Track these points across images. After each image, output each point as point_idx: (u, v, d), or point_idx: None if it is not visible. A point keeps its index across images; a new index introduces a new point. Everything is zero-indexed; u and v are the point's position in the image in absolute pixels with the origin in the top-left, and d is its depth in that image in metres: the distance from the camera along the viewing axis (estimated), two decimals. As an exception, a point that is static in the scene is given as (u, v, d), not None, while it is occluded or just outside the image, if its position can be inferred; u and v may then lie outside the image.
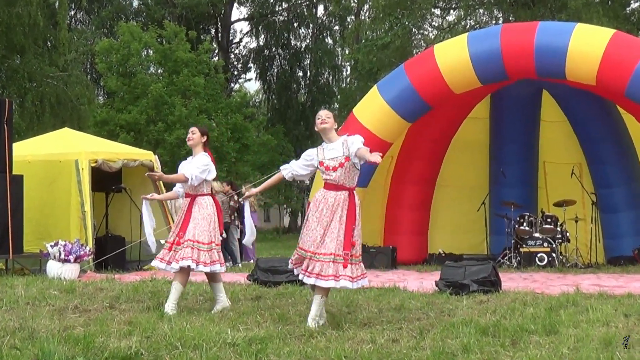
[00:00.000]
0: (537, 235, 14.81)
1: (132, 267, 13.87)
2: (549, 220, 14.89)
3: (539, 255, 14.57)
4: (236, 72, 43.78)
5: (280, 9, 43.84)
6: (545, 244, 14.69)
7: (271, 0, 43.45)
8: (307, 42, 44.10)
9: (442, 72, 13.53)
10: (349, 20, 40.60)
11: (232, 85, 41.64)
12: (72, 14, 38.82)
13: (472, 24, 27.50)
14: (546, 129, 16.24)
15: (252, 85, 47.42)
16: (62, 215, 13.32)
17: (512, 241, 14.96)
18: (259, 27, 43.72)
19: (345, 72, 43.65)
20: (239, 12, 78.63)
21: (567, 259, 14.92)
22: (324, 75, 44.04)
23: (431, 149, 15.87)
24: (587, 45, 12.68)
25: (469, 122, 16.31)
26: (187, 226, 7.74)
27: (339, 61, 43.78)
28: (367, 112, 13.88)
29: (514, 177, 15.73)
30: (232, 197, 15.64)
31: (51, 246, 11.78)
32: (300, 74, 44.35)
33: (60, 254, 11.66)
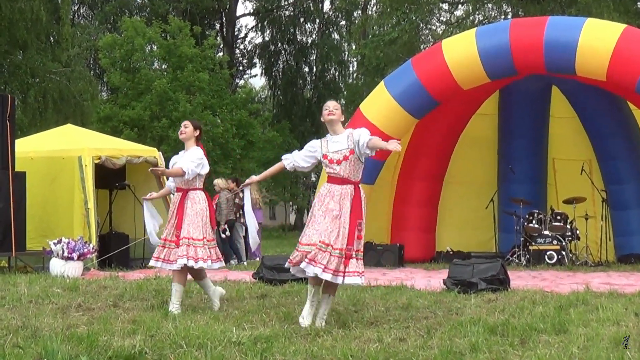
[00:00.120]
0: (546, 232, 14.79)
1: (136, 265, 13.86)
2: (558, 217, 14.86)
3: (548, 253, 14.56)
4: (241, 68, 43.68)
5: (286, 3, 43.73)
6: (554, 242, 14.68)
7: (277, -5, 43.42)
8: (313, 37, 43.98)
9: (450, 67, 13.54)
10: (356, 15, 40.48)
11: (237, 81, 41.55)
12: (75, 8, 38.84)
13: (481, 18, 27.41)
14: (555, 125, 16.20)
15: (257, 81, 47.36)
16: (65, 212, 13.36)
17: (521, 239, 14.96)
18: (265, 22, 43.61)
19: (351, 68, 43.56)
20: (244, 6, 78.95)
21: (577, 257, 14.92)
22: (331, 70, 43.91)
23: (439, 146, 15.86)
24: (598, 40, 12.68)
25: (477, 118, 16.28)
26: (182, 224, 7.67)
27: (345, 57, 43.66)
28: (374, 108, 13.90)
29: (522, 173, 15.68)
30: (237, 194, 15.56)
31: (54, 244, 11.84)
32: (306, 69, 44.23)
33: (63, 252, 11.71)
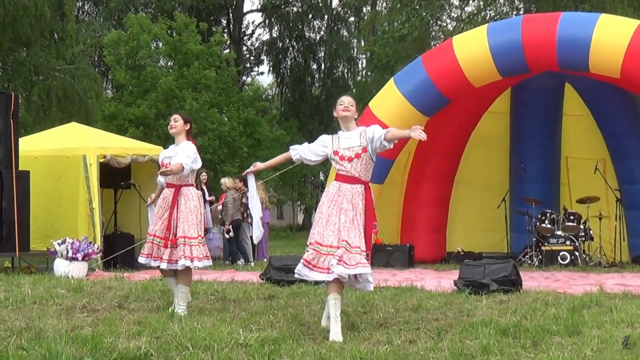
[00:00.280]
0: (559, 233, 14.73)
1: (142, 266, 13.61)
2: (571, 217, 14.80)
3: (561, 253, 14.49)
4: (248, 65, 43.56)
5: (293, -1, 43.63)
6: (567, 242, 14.61)
7: (284, -10, 43.32)
8: (322, 33, 43.90)
9: (461, 64, 13.50)
10: (365, 11, 40.32)
11: (244, 78, 41.44)
12: (80, 5, 38.86)
13: (492, 14, 27.42)
14: (569, 123, 16.13)
15: (264, 78, 47.30)
16: (69, 212, 13.36)
17: (534, 239, 14.88)
18: (272, 19, 43.53)
19: (360, 65, 43.44)
20: (251, 2, 79.03)
21: (591, 258, 14.84)
22: (339, 68, 43.83)
23: (449, 144, 15.80)
24: (612, 36, 12.63)
25: (488, 116, 16.21)
26: (178, 222, 7.53)
27: (354, 53, 43.56)
28: (384, 106, 13.86)
29: (535, 173, 15.58)
30: (244, 193, 15.45)
31: (58, 244, 11.83)
32: (314, 66, 44.16)
33: (67, 252, 11.69)
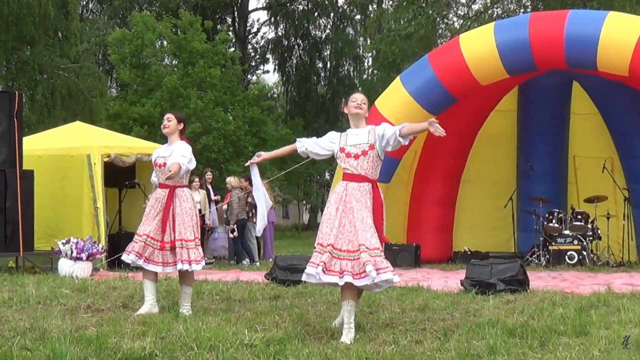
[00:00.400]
0: (566, 232, 14.67)
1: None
2: (579, 216, 14.73)
3: (568, 253, 14.44)
4: (254, 64, 43.49)
5: (299, -3, 43.55)
6: (575, 242, 14.55)
7: (290, -12, 43.26)
8: (327, 32, 43.84)
9: (467, 62, 13.46)
10: (371, 9, 40.20)
11: (249, 77, 41.39)
12: (84, 3, 38.88)
13: (500, 12, 27.37)
14: (576, 122, 16.05)
15: (270, 77, 47.24)
16: (73, 211, 13.36)
17: (541, 239, 14.83)
18: (278, 17, 43.46)
19: (366, 63, 43.37)
20: (256, 0, 78.82)
21: (598, 257, 14.77)
22: (345, 66, 43.75)
23: (456, 143, 15.69)
24: (620, 34, 12.58)
25: (495, 115, 16.14)
26: (175, 225, 7.48)
27: (360, 52, 43.44)
28: (390, 105, 13.81)
29: (542, 172, 15.51)
30: (250, 193, 15.39)
31: (63, 244, 11.82)
32: (320, 65, 44.09)
33: (72, 252, 11.68)
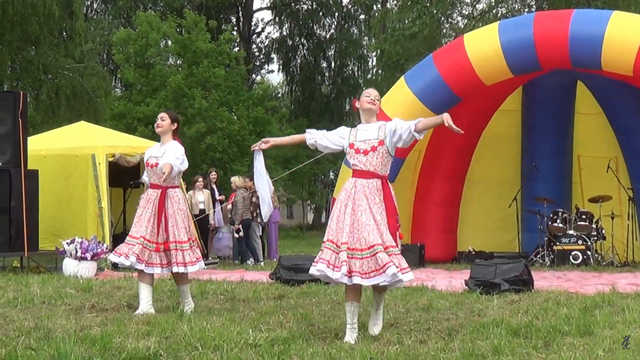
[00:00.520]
0: (571, 232, 14.61)
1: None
2: (583, 216, 14.67)
3: (573, 253, 14.39)
4: (258, 63, 43.44)
5: (303, -3, 43.50)
6: (579, 242, 14.50)
7: (294, -13, 43.21)
8: (332, 31, 43.77)
9: (472, 62, 13.40)
10: (375, 9, 40.16)
11: (253, 76, 41.35)
12: (89, 3, 38.83)
13: (504, 12, 27.37)
14: (581, 122, 15.97)
15: (274, 76, 47.19)
16: (78, 211, 13.38)
17: (545, 238, 14.78)
18: (282, 16, 43.40)
19: (371, 63, 43.32)
20: (260, 0, 78.73)
21: (603, 257, 14.73)
22: (349, 66, 43.70)
23: (460, 143, 15.60)
24: (624, 33, 12.51)
25: (500, 115, 16.07)
26: (168, 225, 7.43)
27: (364, 51, 43.39)
28: (394, 104, 13.70)
29: (547, 171, 15.44)
30: (254, 193, 15.36)
31: (67, 243, 11.82)
32: (324, 64, 44.04)
33: (76, 252, 11.68)
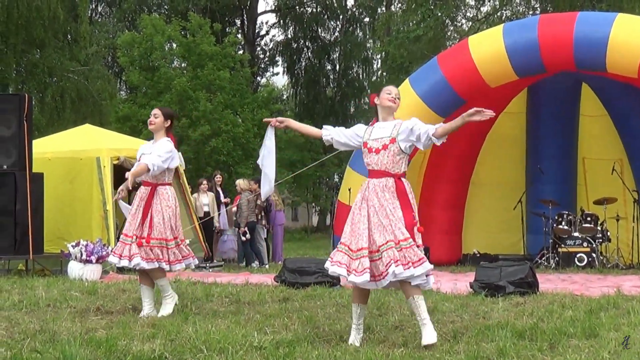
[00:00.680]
0: (576, 234, 14.57)
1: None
2: (588, 219, 14.63)
3: (578, 255, 14.35)
4: (263, 66, 43.45)
5: (308, 0, 43.46)
6: (584, 244, 14.47)
7: (299, -10, 43.19)
8: (337, 34, 43.75)
9: (476, 64, 13.38)
10: (380, 11, 40.14)
11: (258, 79, 41.36)
12: (93, 6, 38.88)
13: (508, 14, 27.34)
14: (586, 124, 15.95)
15: (279, 79, 47.19)
16: (83, 214, 13.33)
17: (550, 241, 14.73)
18: (286, 19, 43.40)
19: (375, 66, 43.23)
20: (265, 3, 78.79)
21: (608, 260, 14.68)
22: (354, 68, 43.67)
23: (465, 145, 15.64)
24: (629, 36, 12.50)
25: (504, 117, 15.98)
26: (153, 221, 7.38)
27: (369, 54, 43.33)
28: (399, 107, 13.54)
29: (552, 174, 15.41)
30: (259, 195, 15.34)
31: (72, 246, 11.76)
32: (329, 67, 44.01)
33: (81, 255, 11.62)
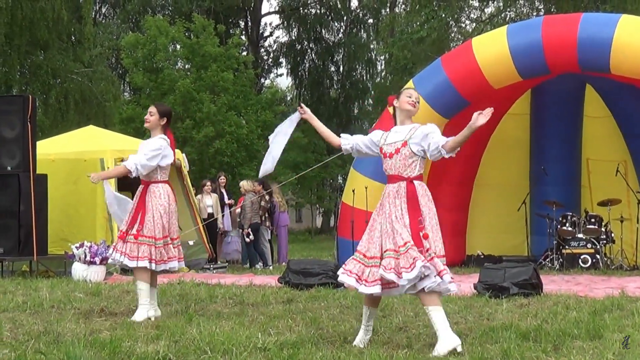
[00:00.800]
0: (580, 235, 14.49)
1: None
2: (592, 220, 14.56)
3: (582, 256, 14.28)
4: (266, 67, 43.46)
5: (312, 1, 43.48)
6: (588, 245, 14.39)
7: (302, -8, 43.20)
8: (340, 35, 43.74)
9: (480, 66, 13.32)
10: (384, 13, 40.17)
11: (262, 80, 41.37)
12: (97, 7, 38.94)
13: (512, 16, 27.34)
14: (590, 125, 15.85)
15: (283, 80, 47.23)
16: (87, 215, 13.34)
17: (554, 242, 14.67)
18: (290, 21, 43.40)
19: (379, 67, 43.28)
20: (269, 4, 78.72)
21: (612, 261, 14.61)
22: (358, 70, 43.67)
23: (469, 147, 15.37)
24: (633, 37, 12.44)
25: (508, 119, 15.96)
26: (144, 218, 7.20)
27: (373, 55, 43.34)
28: (403, 108, 13.60)
29: (556, 175, 15.35)
30: (263, 196, 15.39)
31: (76, 247, 11.81)
32: (332, 69, 44.03)
33: (85, 256, 11.68)
